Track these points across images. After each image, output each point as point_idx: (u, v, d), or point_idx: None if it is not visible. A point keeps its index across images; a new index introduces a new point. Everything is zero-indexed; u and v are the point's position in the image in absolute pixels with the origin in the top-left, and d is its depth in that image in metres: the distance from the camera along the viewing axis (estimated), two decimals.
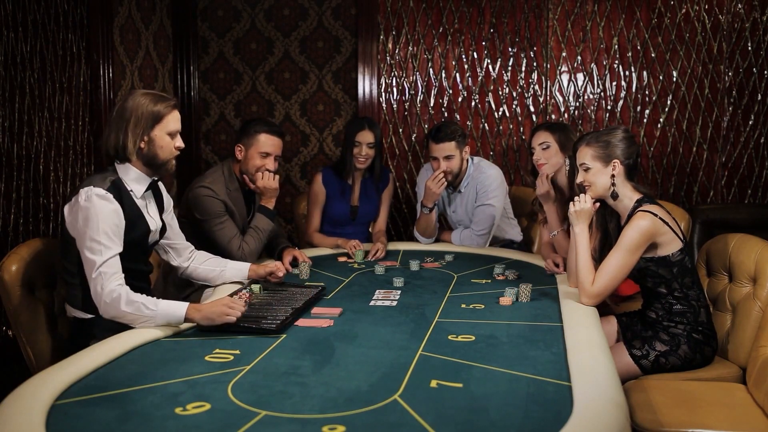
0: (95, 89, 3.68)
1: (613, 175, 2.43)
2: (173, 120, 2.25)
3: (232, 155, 3.04)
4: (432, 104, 4.37)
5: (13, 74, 3.44)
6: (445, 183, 3.30)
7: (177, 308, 2.04)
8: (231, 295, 2.32)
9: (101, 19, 3.65)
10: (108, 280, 2.05)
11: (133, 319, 2.03)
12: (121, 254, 2.14)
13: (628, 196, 2.45)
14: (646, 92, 4.21)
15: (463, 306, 2.36)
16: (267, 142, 2.97)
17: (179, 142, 2.28)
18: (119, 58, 3.82)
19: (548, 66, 4.26)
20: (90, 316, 2.21)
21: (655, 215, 2.34)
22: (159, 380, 1.66)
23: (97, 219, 2.07)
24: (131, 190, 2.24)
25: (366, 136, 3.41)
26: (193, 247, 2.61)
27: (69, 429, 1.41)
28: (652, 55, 4.18)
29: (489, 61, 4.30)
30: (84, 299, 2.21)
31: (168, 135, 2.23)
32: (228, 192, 2.97)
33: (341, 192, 3.51)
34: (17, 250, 2.26)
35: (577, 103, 4.27)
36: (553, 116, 4.27)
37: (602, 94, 4.25)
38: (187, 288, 2.83)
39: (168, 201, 2.47)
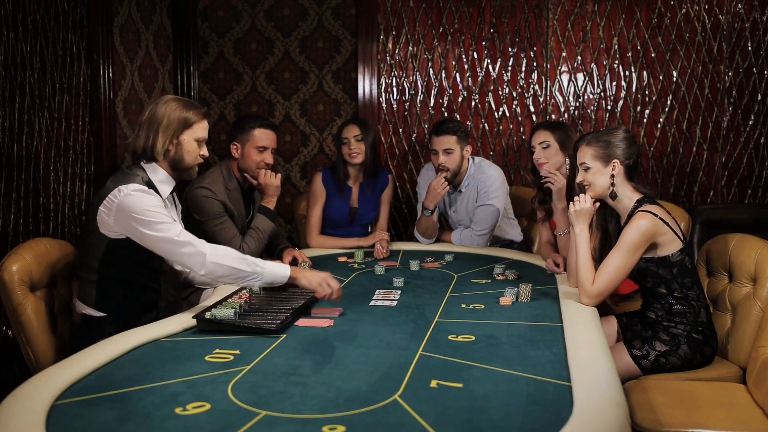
0: (95, 89, 3.68)
1: (612, 175, 2.43)
2: (201, 128, 2.35)
3: (230, 155, 3.06)
4: (432, 104, 4.37)
5: (13, 74, 3.44)
6: (448, 186, 3.31)
7: (282, 268, 2.26)
8: (231, 296, 2.32)
9: (101, 19, 3.65)
10: (201, 245, 2.17)
11: (244, 276, 2.19)
12: (143, 251, 2.22)
13: (628, 196, 2.45)
14: (646, 92, 4.21)
15: (463, 306, 2.36)
16: (262, 136, 3.02)
17: (204, 150, 2.40)
18: (119, 58, 3.82)
19: (548, 66, 4.26)
20: (101, 314, 2.25)
21: (655, 215, 2.34)
22: (159, 380, 1.66)
23: (148, 205, 2.16)
24: (159, 191, 2.30)
25: (351, 130, 3.44)
26: None
27: (69, 429, 1.41)
28: (652, 55, 4.18)
29: (489, 61, 4.30)
30: (98, 297, 2.25)
31: (195, 141, 2.33)
32: (227, 192, 2.97)
33: (340, 193, 3.51)
34: (17, 250, 2.26)
35: (577, 103, 4.27)
36: (553, 116, 4.27)
37: (602, 94, 4.25)
38: (187, 288, 2.83)
39: (178, 206, 2.54)
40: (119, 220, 2.17)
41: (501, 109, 4.32)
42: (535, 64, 4.27)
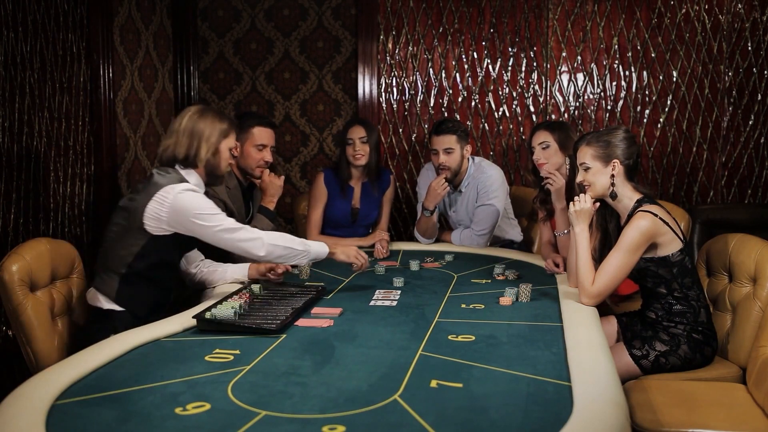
0: (95, 89, 3.68)
1: (612, 175, 2.43)
2: (233, 138, 2.55)
3: None
4: (432, 104, 4.37)
5: (13, 74, 3.44)
6: (448, 187, 3.30)
7: (322, 246, 2.52)
8: (231, 295, 2.33)
9: (101, 19, 3.65)
10: (253, 231, 2.38)
11: (297, 254, 2.42)
12: (175, 249, 2.41)
13: (628, 196, 2.45)
14: (646, 92, 4.21)
15: (463, 306, 2.36)
16: (262, 134, 3.04)
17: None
18: (119, 58, 3.82)
19: (548, 66, 4.26)
20: (117, 308, 2.32)
21: (655, 215, 2.34)
22: (159, 380, 1.66)
23: (201, 201, 2.33)
24: None
25: (357, 131, 3.44)
26: (203, 256, 2.67)
27: (69, 429, 1.41)
28: (652, 55, 4.18)
29: (489, 61, 4.30)
30: (119, 291, 2.32)
31: (228, 150, 2.51)
32: (227, 190, 2.97)
33: (342, 193, 3.51)
34: (17, 250, 2.26)
35: (577, 103, 4.27)
36: (553, 116, 4.27)
37: (602, 94, 4.25)
38: (187, 288, 2.83)
39: None
40: (174, 217, 2.30)
41: (501, 109, 4.32)
42: (535, 64, 4.27)
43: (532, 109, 4.30)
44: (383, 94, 4.39)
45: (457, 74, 4.33)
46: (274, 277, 2.60)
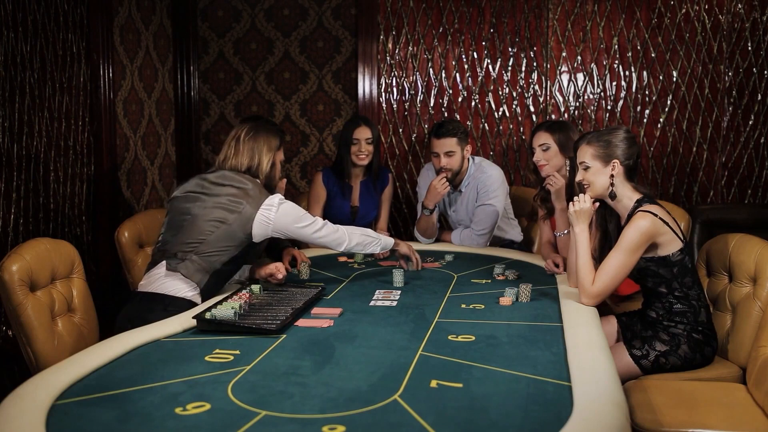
0: (95, 89, 3.68)
1: (612, 175, 2.43)
2: (282, 150, 2.73)
3: None
4: (432, 104, 4.37)
5: (13, 74, 3.44)
6: (449, 186, 3.30)
7: (389, 238, 2.79)
8: (231, 296, 2.33)
9: (101, 19, 3.65)
10: (333, 225, 2.62)
11: (371, 241, 2.69)
12: (257, 252, 2.67)
13: (628, 196, 2.44)
14: (646, 92, 4.21)
15: (463, 306, 2.36)
16: None
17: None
18: (119, 58, 3.82)
19: (548, 66, 4.26)
20: (192, 297, 2.40)
21: (655, 215, 2.34)
22: (159, 380, 1.66)
23: (296, 207, 2.57)
24: None
25: (363, 132, 3.44)
26: None
27: (69, 429, 1.41)
28: (652, 55, 4.18)
29: (489, 61, 4.30)
30: (207, 284, 2.43)
31: (279, 163, 2.70)
32: None
33: (341, 192, 3.51)
34: (17, 250, 2.26)
35: (577, 103, 4.27)
36: (553, 116, 4.27)
37: (602, 94, 4.25)
38: None
39: None
40: (280, 225, 2.50)
41: (501, 109, 4.32)
42: (535, 64, 4.27)
43: (532, 109, 4.30)
44: (383, 94, 4.39)
45: (457, 74, 4.33)
46: (275, 281, 2.60)
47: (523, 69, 4.28)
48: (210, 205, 2.47)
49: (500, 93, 4.31)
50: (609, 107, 4.25)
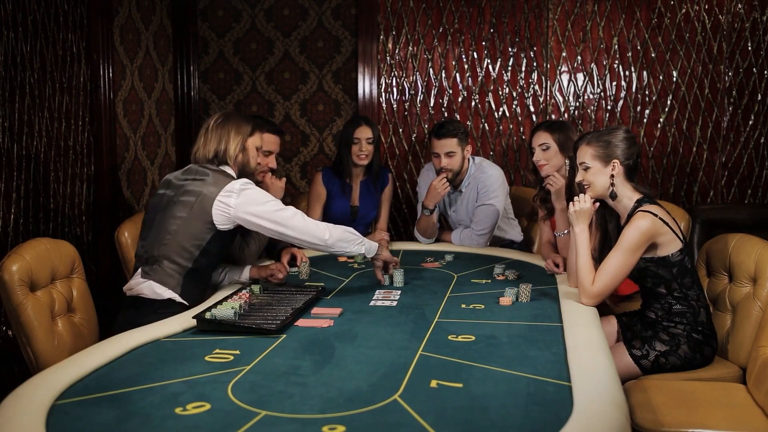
0: (95, 89, 3.68)
1: (612, 175, 2.43)
2: (259, 138, 2.63)
3: None
4: (432, 104, 4.37)
5: (13, 74, 3.44)
6: (449, 186, 3.30)
7: (372, 242, 2.60)
8: (231, 296, 2.33)
9: (101, 19, 3.65)
10: (314, 220, 2.49)
11: (353, 239, 2.50)
12: (230, 244, 2.60)
13: (628, 196, 2.44)
14: (646, 92, 4.21)
15: (463, 306, 2.36)
16: (270, 141, 3.04)
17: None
18: (119, 58, 3.82)
19: (548, 66, 4.26)
20: (177, 298, 2.38)
21: (655, 215, 2.34)
22: (159, 380, 1.66)
23: (263, 193, 2.43)
24: None
25: (364, 132, 3.45)
26: None
27: (69, 429, 1.41)
28: (652, 55, 4.18)
29: (489, 61, 4.30)
30: (183, 284, 2.40)
31: (255, 149, 2.59)
32: None
33: (341, 192, 3.52)
34: (17, 250, 2.26)
35: (577, 103, 4.27)
36: (553, 116, 4.27)
37: (602, 94, 4.25)
38: None
39: None
40: (243, 212, 2.38)
41: (501, 109, 4.32)
42: (535, 64, 4.27)
43: (532, 109, 4.30)
44: (383, 94, 4.39)
45: (457, 74, 4.33)
46: (275, 281, 2.60)
47: (523, 69, 4.28)
48: (174, 202, 2.44)
49: (500, 93, 4.31)
50: (609, 107, 4.25)
